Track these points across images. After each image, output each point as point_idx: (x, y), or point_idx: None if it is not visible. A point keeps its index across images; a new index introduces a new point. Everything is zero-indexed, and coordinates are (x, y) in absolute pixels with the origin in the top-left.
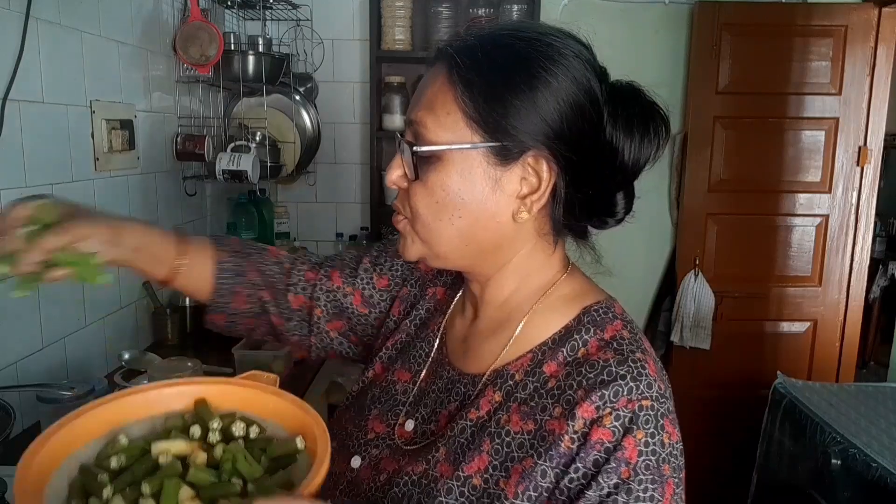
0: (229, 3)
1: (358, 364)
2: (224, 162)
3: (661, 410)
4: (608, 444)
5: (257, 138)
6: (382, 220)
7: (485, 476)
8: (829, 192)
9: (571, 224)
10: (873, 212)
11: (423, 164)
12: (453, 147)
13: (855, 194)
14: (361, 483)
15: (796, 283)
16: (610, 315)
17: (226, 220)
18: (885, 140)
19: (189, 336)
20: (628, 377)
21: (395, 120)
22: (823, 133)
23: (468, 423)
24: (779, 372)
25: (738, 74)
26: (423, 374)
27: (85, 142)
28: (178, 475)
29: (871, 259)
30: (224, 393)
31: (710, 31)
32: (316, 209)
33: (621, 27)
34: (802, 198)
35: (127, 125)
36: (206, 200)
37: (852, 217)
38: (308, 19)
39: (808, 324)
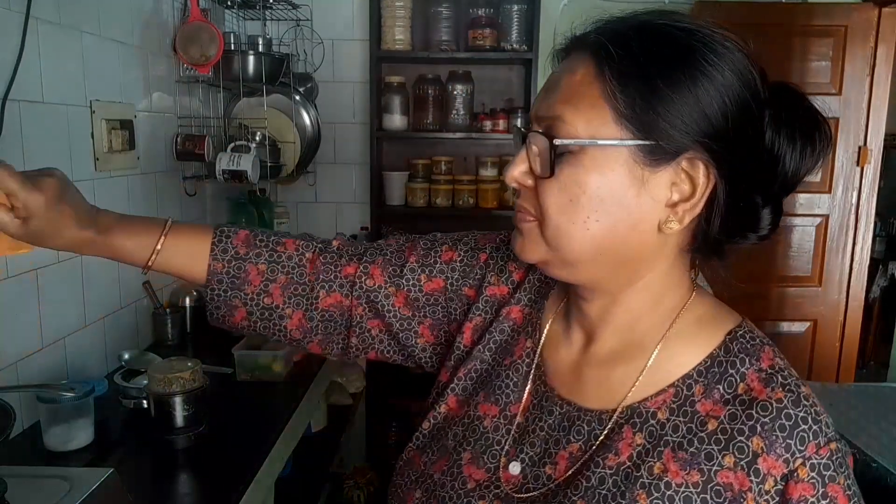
0: (229, 3)
1: (375, 364)
2: (224, 162)
3: (845, 449)
4: (813, 499)
5: (257, 138)
6: (382, 220)
7: None
8: (829, 192)
9: (718, 239)
10: (873, 212)
11: (558, 160)
12: (599, 142)
13: (855, 194)
14: None
15: (796, 283)
16: (757, 341)
17: (226, 220)
18: (885, 140)
19: (189, 336)
20: (809, 419)
21: (394, 120)
22: None
23: (607, 471)
24: None
25: None
26: (518, 407)
27: (85, 142)
28: None
29: (871, 259)
30: None
31: None
32: (316, 209)
33: None
34: (802, 198)
35: (127, 125)
36: (206, 200)
37: (852, 217)
38: (308, 19)
39: (808, 324)
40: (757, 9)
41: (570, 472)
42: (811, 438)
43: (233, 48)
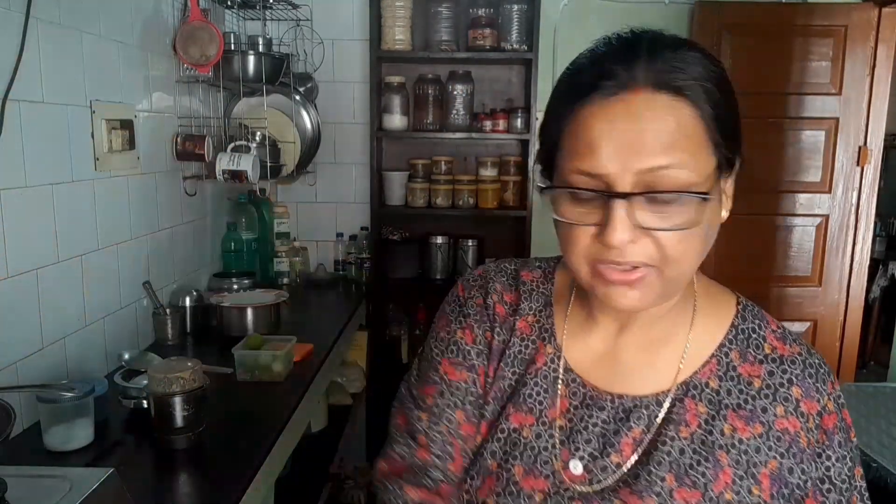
0: (229, 3)
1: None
2: (224, 162)
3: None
4: (839, 424)
5: (257, 138)
6: (382, 220)
7: (735, 489)
8: (829, 192)
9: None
10: (873, 212)
11: (689, 209)
12: (722, 178)
13: (855, 194)
14: None
15: (796, 283)
16: (756, 308)
17: (226, 220)
18: (885, 140)
19: (189, 336)
20: (820, 363)
21: (394, 120)
22: (823, 133)
23: (683, 442)
24: None
25: (738, 74)
26: (555, 411)
27: (85, 142)
28: None
29: (871, 259)
30: None
31: (710, 31)
32: (316, 209)
33: (621, 27)
34: (802, 198)
35: (127, 125)
36: (206, 200)
37: (852, 217)
38: (308, 19)
39: (808, 324)
40: (757, 9)
41: (639, 454)
42: (827, 377)
43: (233, 48)
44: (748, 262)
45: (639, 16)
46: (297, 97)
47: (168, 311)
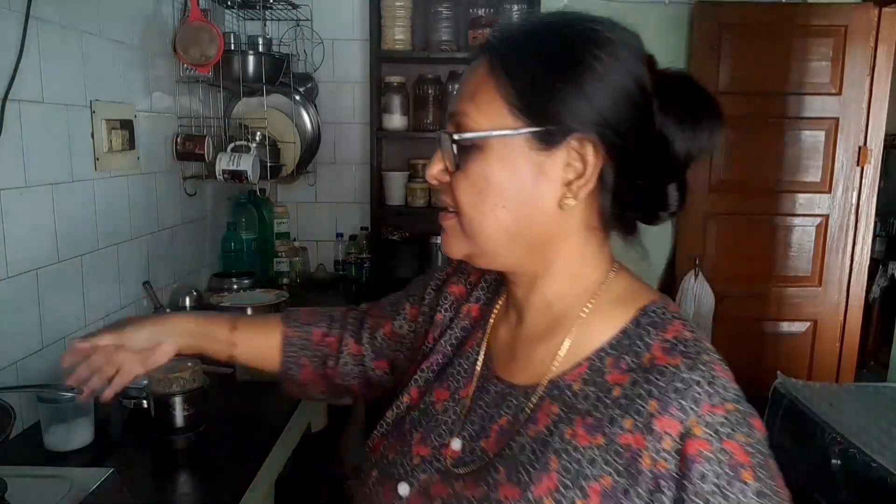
0: (229, 3)
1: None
2: (224, 162)
3: (746, 410)
4: (710, 455)
5: (257, 138)
6: (382, 220)
7: (556, 496)
8: (829, 192)
9: (621, 217)
10: (873, 212)
11: (464, 155)
12: (494, 133)
13: (855, 194)
14: None
15: (796, 283)
16: (668, 315)
17: (226, 220)
18: (885, 140)
19: None
20: (703, 382)
21: (394, 120)
22: (823, 133)
23: (527, 439)
24: (779, 372)
25: (738, 74)
26: (467, 391)
27: (85, 142)
28: None
29: (871, 259)
30: None
31: (710, 31)
32: (316, 209)
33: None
34: (802, 198)
35: (127, 125)
36: (206, 200)
37: (852, 217)
38: (308, 19)
39: (807, 324)
40: (757, 9)
41: (500, 445)
42: (705, 399)
43: (233, 48)
44: (748, 262)
45: (639, 16)
46: (297, 97)
47: (168, 311)
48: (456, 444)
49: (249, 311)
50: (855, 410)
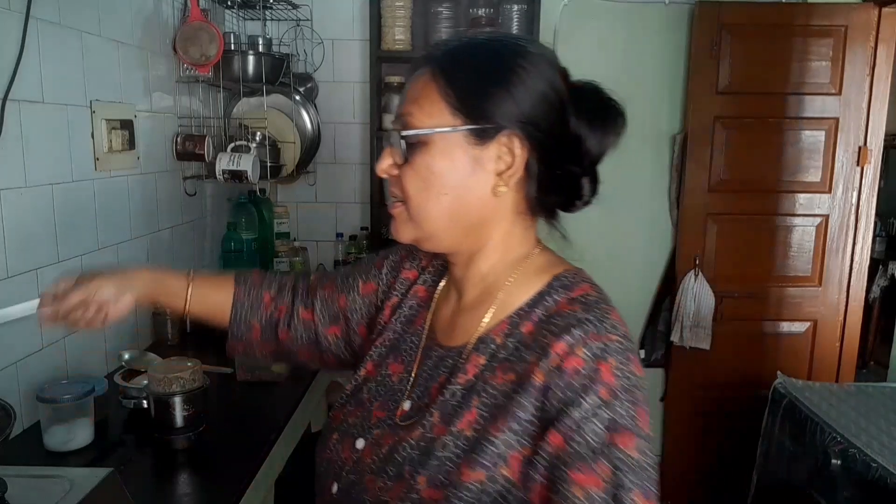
0: (229, 3)
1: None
2: (224, 162)
3: (629, 347)
4: (582, 370)
5: (257, 138)
6: (382, 220)
7: (475, 427)
8: (829, 192)
9: (544, 202)
10: (873, 212)
11: (411, 150)
12: (436, 130)
13: (855, 194)
14: (365, 459)
15: (796, 283)
16: (578, 279)
17: (226, 220)
18: (885, 140)
19: (189, 336)
20: (594, 319)
21: None
22: (823, 133)
23: (458, 387)
24: (779, 372)
25: (738, 74)
26: (415, 364)
27: (85, 142)
28: None
29: (871, 259)
30: None
31: (710, 31)
32: (316, 209)
33: (621, 27)
34: (802, 198)
35: (127, 125)
36: (206, 200)
37: (852, 217)
38: (308, 19)
39: (807, 324)
40: (757, 9)
41: (438, 397)
42: (592, 330)
43: (233, 48)
44: (748, 262)
45: (639, 16)
46: (297, 97)
47: (168, 311)
48: (406, 405)
49: None
50: (855, 410)
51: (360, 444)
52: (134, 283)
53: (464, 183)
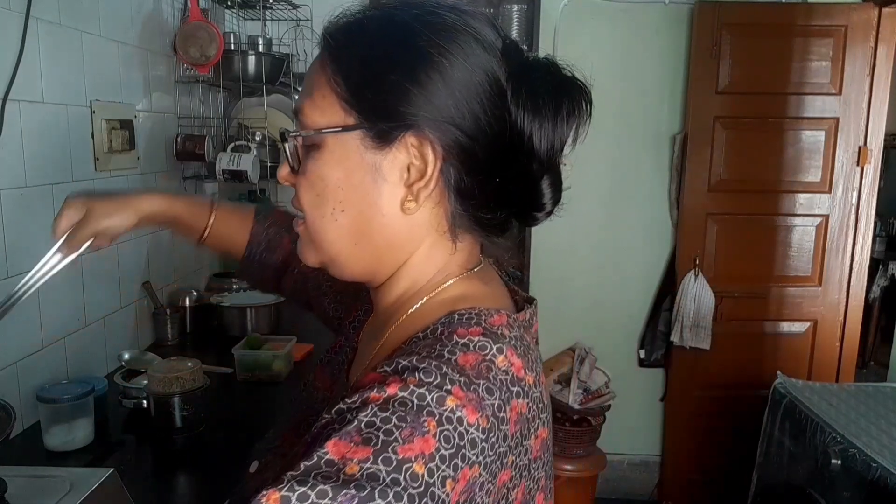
0: (229, 3)
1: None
2: (224, 162)
3: (442, 411)
4: (373, 384)
5: (257, 138)
6: None
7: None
8: (829, 192)
9: (480, 219)
10: (873, 212)
11: (304, 156)
12: (325, 131)
13: (855, 194)
14: (254, 482)
15: (796, 283)
16: (474, 321)
17: None
18: (885, 140)
19: (189, 336)
20: (430, 360)
21: None
22: (823, 133)
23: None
24: (779, 372)
25: (738, 74)
26: (334, 384)
27: (85, 142)
28: None
29: (871, 259)
30: None
31: (710, 31)
32: None
33: (621, 27)
34: (802, 198)
35: (127, 125)
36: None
37: (852, 217)
38: (308, 19)
39: (807, 324)
40: (757, 9)
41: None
42: (417, 376)
43: (233, 48)
44: (748, 262)
45: (639, 16)
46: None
47: (168, 311)
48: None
49: (249, 311)
50: (855, 410)
51: (253, 467)
52: (142, 206)
53: (364, 197)
